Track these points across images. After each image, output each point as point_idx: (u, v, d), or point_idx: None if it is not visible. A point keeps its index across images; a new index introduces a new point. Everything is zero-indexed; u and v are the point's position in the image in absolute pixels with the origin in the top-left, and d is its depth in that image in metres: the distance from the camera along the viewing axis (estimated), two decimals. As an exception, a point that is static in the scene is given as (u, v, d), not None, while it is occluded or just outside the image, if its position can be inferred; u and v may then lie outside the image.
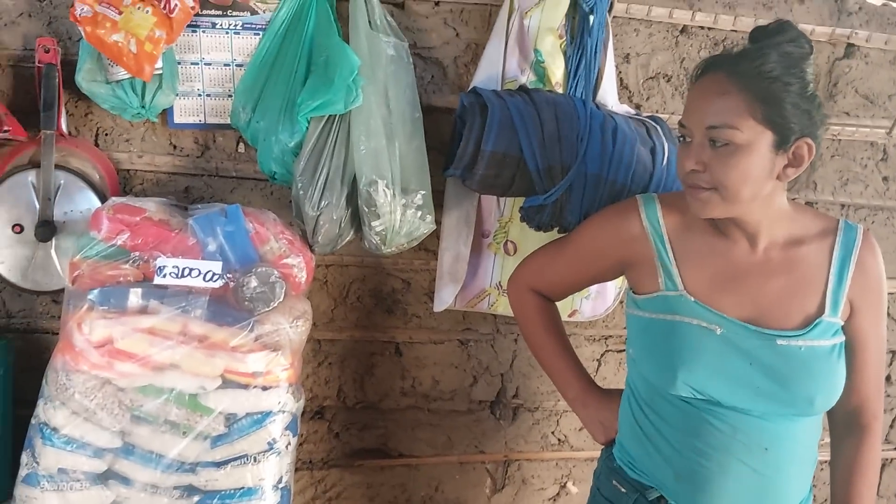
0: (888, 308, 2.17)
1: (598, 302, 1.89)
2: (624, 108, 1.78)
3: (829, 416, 1.44)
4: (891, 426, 2.32)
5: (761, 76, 1.23)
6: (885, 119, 2.02)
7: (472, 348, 2.00)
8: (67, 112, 1.64)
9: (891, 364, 2.26)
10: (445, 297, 1.80)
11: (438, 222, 1.71)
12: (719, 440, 1.32)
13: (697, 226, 1.39)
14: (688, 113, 1.29)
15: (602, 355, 2.06)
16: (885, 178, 2.10)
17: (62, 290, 1.52)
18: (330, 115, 1.50)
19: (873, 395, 1.43)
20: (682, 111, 1.31)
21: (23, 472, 1.44)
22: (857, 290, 1.36)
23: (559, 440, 2.10)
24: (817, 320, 1.33)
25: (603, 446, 1.57)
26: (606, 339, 2.05)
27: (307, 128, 1.51)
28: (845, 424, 1.45)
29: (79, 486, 1.42)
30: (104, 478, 1.45)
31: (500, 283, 1.82)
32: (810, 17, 1.91)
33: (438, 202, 1.71)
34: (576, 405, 1.60)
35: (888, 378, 2.26)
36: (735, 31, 1.88)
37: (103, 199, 1.57)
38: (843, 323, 1.36)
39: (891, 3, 1.95)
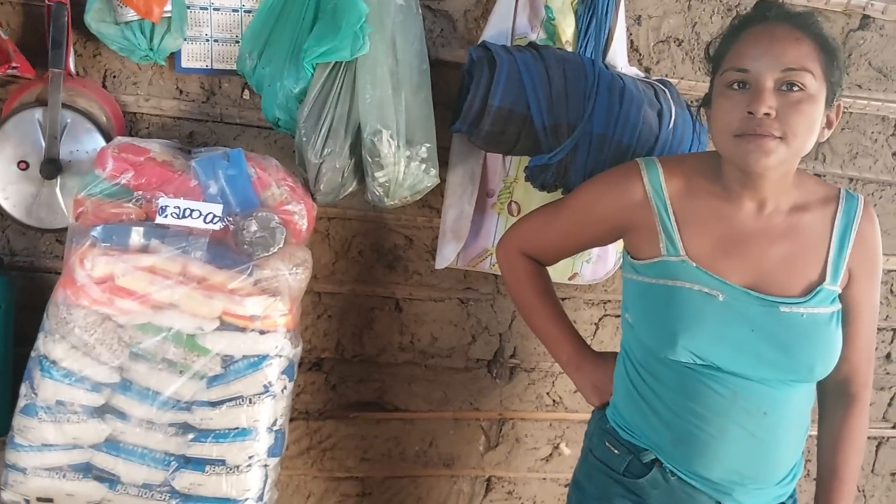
0: (892, 285, 2.18)
1: (598, 266, 1.89)
2: (633, 71, 1.77)
3: (820, 385, 1.45)
4: (889, 404, 2.32)
5: (823, 31, 1.25)
6: (898, 93, 2.00)
7: (471, 307, 2.01)
8: (76, 52, 1.64)
9: (892, 342, 2.25)
10: (447, 255, 1.80)
11: (443, 179, 1.71)
12: (719, 404, 1.33)
13: (700, 190, 1.38)
14: (753, 57, 1.24)
15: (600, 319, 2.07)
16: (894, 154, 2.08)
17: (66, 230, 1.53)
18: (336, 63, 1.49)
19: (864, 364, 1.44)
20: (737, 57, 1.26)
21: (21, 402, 1.46)
22: (856, 260, 1.37)
23: (554, 401, 2.11)
24: (818, 288, 1.33)
25: (595, 409, 1.58)
26: (605, 303, 2.06)
27: (312, 74, 1.50)
28: (835, 393, 1.46)
29: (76, 418, 1.44)
30: (101, 412, 1.47)
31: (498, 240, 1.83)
32: (827, -14, 1.88)
33: (444, 159, 1.71)
34: (569, 369, 1.60)
35: (888, 356, 2.26)
36: (749, -4, 1.86)
37: (109, 140, 1.57)
38: (840, 291, 1.36)
39: (910, -26, 1.92)
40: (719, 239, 1.35)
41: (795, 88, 1.23)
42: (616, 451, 1.45)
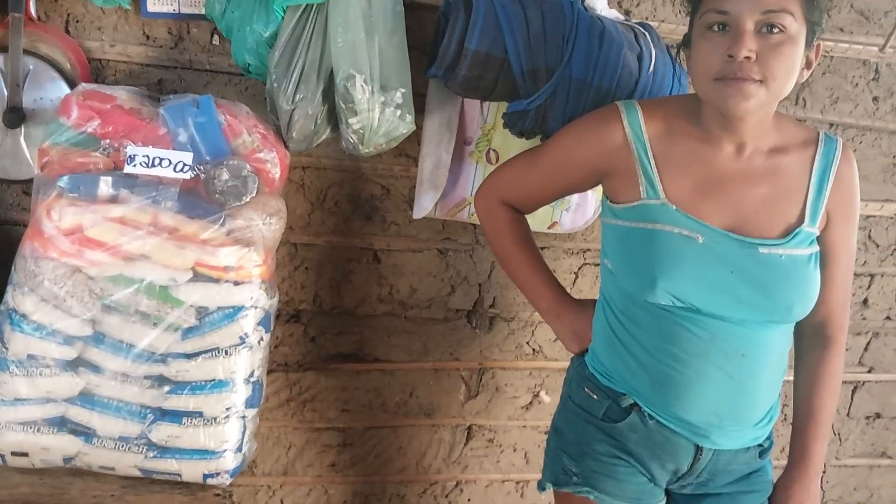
0: (869, 231, 2.19)
1: (577, 214, 1.88)
2: (613, 14, 1.73)
3: (796, 328, 1.46)
4: (865, 349, 2.35)
5: None
6: (880, 37, 1.98)
7: (450, 258, 2.00)
8: (36, -5, 1.58)
9: (869, 287, 2.27)
10: (425, 204, 1.78)
11: (419, 127, 1.67)
12: (697, 346, 1.33)
13: (680, 132, 1.36)
14: None
15: (580, 268, 2.06)
16: (875, 99, 2.07)
17: (32, 181, 1.50)
18: (307, 5, 1.45)
19: (840, 307, 1.45)
20: None
21: (-8, 357, 1.44)
22: (834, 202, 1.37)
23: (534, 350, 2.12)
24: (797, 229, 1.33)
25: (574, 355, 1.58)
26: (584, 252, 2.05)
27: (283, 17, 1.46)
28: (811, 336, 1.48)
29: (48, 371, 1.42)
30: (74, 365, 1.45)
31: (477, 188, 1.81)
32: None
33: (420, 106, 1.67)
34: (549, 317, 1.60)
35: (865, 301, 2.28)
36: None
37: (74, 87, 1.53)
38: (818, 233, 1.36)
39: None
40: (699, 181, 1.34)
41: (776, 30, 1.21)
42: (595, 397, 1.46)
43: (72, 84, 1.55)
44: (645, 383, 1.39)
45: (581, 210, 1.88)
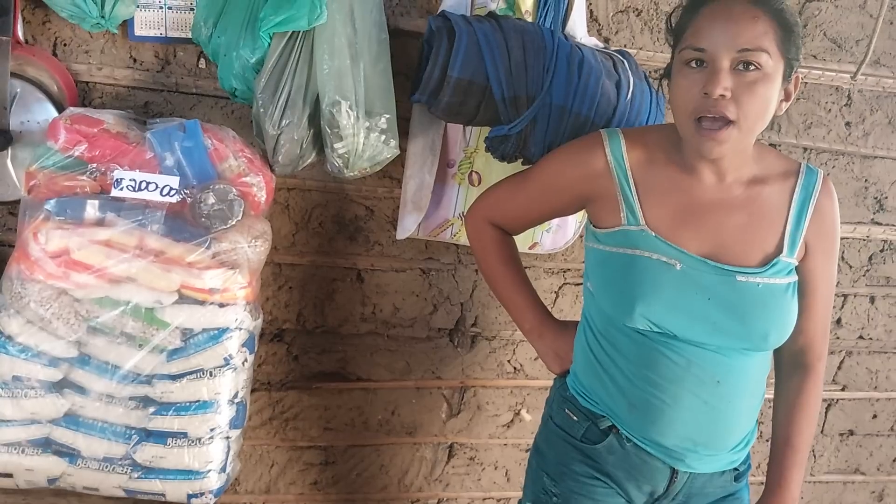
0: (843, 252, 2.24)
1: (558, 235, 1.91)
2: (592, 41, 1.77)
3: (776, 355, 1.49)
4: (838, 367, 2.39)
5: (781, 7, 1.25)
6: (851, 64, 2.03)
7: (433, 277, 2.02)
8: (24, 19, 1.60)
9: (842, 307, 2.32)
10: (408, 225, 1.80)
11: (403, 149, 1.70)
12: (673, 372, 1.35)
13: (660, 161, 1.39)
14: (711, 36, 1.24)
15: (560, 287, 2.09)
16: (847, 124, 2.12)
17: (18, 202, 1.51)
18: (293, 32, 1.47)
19: (819, 336, 1.48)
20: (694, 35, 1.26)
21: (-24, 379, 1.45)
22: (813, 234, 1.39)
23: (515, 368, 2.14)
24: (775, 259, 1.36)
25: (557, 376, 1.61)
26: (565, 272, 2.08)
27: (269, 44, 1.48)
28: (791, 364, 1.50)
29: (33, 393, 1.43)
30: (59, 386, 1.46)
31: (463, 213, 1.83)
32: (783, -43, 1.90)
33: (404, 129, 1.70)
34: (532, 336, 1.63)
35: (838, 321, 2.32)
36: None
37: (61, 110, 1.55)
38: (797, 263, 1.39)
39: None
40: (678, 209, 1.37)
41: (752, 68, 1.24)
42: (575, 418, 1.48)
43: (59, 106, 1.56)
44: (622, 406, 1.41)
45: (562, 231, 1.91)
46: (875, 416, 2.47)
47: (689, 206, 1.37)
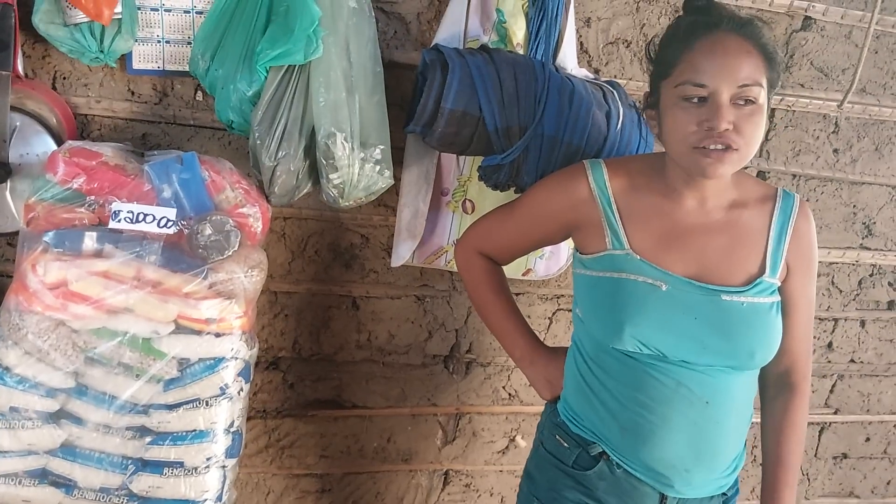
0: (833, 277, 2.26)
1: (551, 262, 1.94)
2: (583, 72, 1.81)
3: (762, 378, 1.51)
4: (830, 391, 2.41)
5: (766, 40, 1.30)
6: (838, 92, 2.07)
7: (428, 304, 2.04)
8: (24, 54, 1.62)
9: (833, 331, 2.34)
10: (403, 253, 1.82)
11: (397, 178, 1.73)
12: (662, 393, 1.38)
13: (643, 187, 1.43)
14: (709, 73, 1.27)
15: (554, 314, 2.11)
16: (835, 151, 2.16)
17: (17, 234, 1.52)
18: (289, 66, 1.50)
19: (803, 356, 1.51)
20: (692, 70, 1.28)
21: (-26, 410, 1.45)
22: (793, 255, 1.43)
23: (510, 395, 2.15)
24: (758, 279, 1.39)
25: (548, 402, 1.62)
26: (558, 298, 2.10)
27: (266, 77, 1.50)
28: (776, 385, 1.53)
29: (31, 424, 1.44)
30: (56, 417, 1.46)
31: (457, 240, 1.85)
32: (769, -12, 1.94)
33: (398, 159, 1.73)
34: (523, 364, 1.65)
35: (829, 345, 2.34)
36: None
37: (60, 143, 1.56)
38: (780, 284, 1.42)
39: (848, -23, 1.98)
40: (662, 233, 1.41)
41: (750, 103, 1.28)
42: (565, 444, 1.50)
43: (58, 139, 1.57)
44: (614, 429, 1.43)
45: (555, 258, 1.93)
46: (868, 439, 2.49)
47: (672, 229, 1.41)
